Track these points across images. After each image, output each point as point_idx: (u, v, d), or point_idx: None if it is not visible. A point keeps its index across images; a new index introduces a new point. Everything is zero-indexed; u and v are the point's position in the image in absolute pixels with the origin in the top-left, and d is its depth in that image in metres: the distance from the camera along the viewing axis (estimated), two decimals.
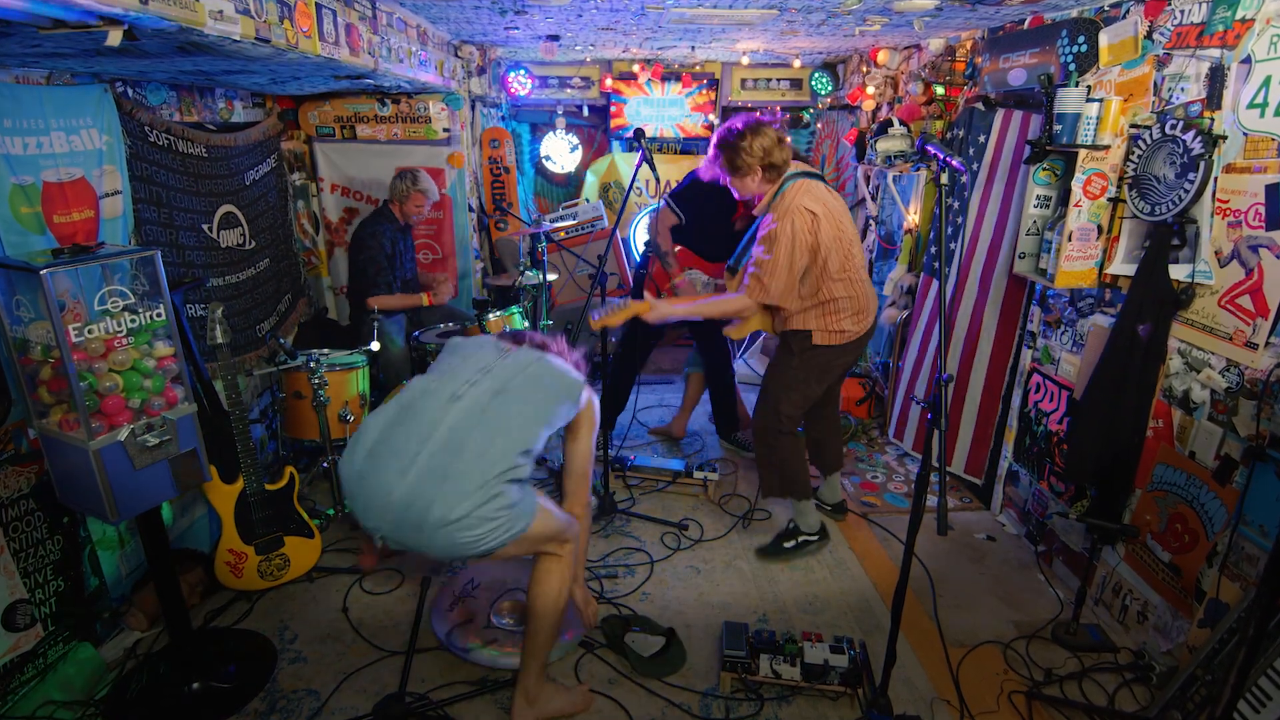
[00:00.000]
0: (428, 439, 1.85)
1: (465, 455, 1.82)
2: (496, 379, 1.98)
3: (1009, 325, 3.26)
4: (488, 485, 1.81)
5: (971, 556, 3.09)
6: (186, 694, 2.26)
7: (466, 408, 1.91)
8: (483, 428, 1.88)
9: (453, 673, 2.40)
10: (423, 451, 1.83)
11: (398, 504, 1.79)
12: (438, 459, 1.82)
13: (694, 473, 3.56)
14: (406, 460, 1.82)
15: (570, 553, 2.13)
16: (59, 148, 2.26)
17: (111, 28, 1.47)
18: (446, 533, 1.78)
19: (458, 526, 1.77)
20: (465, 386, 1.96)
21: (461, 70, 4.26)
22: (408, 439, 1.87)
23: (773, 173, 2.69)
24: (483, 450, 1.84)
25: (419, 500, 1.78)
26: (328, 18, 2.31)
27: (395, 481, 1.81)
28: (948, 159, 1.98)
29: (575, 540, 2.16)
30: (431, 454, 1.82)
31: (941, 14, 2.99)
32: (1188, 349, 2.31)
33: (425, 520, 1.77)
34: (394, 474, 1.82)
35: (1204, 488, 2.25)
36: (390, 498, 1.80)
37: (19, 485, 2.15)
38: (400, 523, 1.81)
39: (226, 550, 2.64)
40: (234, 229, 3.28)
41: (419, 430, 1.88)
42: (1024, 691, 2.33)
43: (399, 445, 1.86)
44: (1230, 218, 2.14)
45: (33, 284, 1.80)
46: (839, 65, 5.10)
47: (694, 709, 2.27)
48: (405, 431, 1.89)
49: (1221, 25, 2.14)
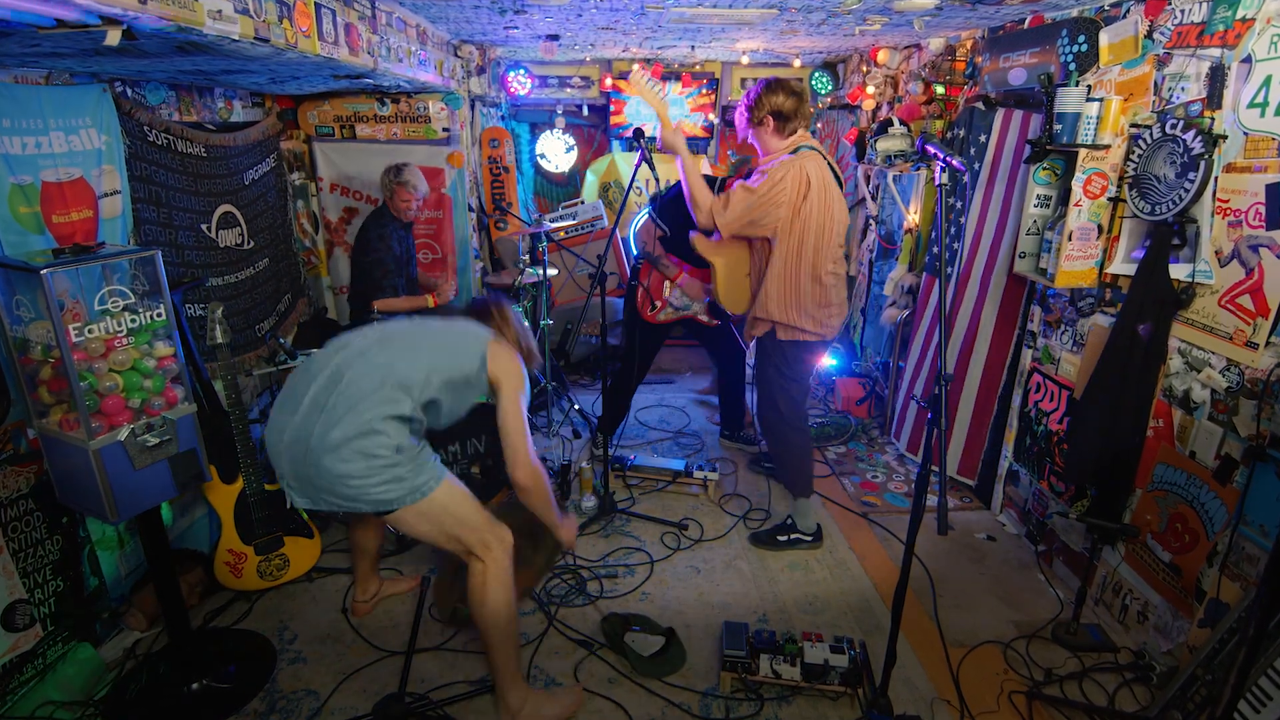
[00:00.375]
0: (312, 381, 2.02)
1: (341, 387, 1.97)
2: (386, 332, 2.13)
3: (1007, 325, 3.26)
4: (362, 415, 1.93)
5: (972, 556, 3.09)
6: (186, 694, 2.26)
7: (350, 353, 2.06)
8: (361, 364, 2.02)
9: (452, 672, 2.40)
10: (307, 393, 2.00)
11: (289, 442, 1.98)
12: (319, 395, 1.98)
13: (694, 473, 3.56)
14: (295, 402, 2.01)
15: (498, 560, 2.07)
16: (58, 147, 2.25)
17: (111, 27, 1.47)
18: (330, 461, 1.91)
19: (338, 457, 1.91)
20: (355, 337, 2.12)
21: (461, 70, 4.26)
22: (295, 386, 2.06)
23: (782, 122, 2.74)
24: (358, 382, 1.98)
25: (303, 432, 1.95)
26: (327, 17, 2.30)
27: (286, 422, 2.00)
28: (948, 159, 1.98)
29: (502, 547, 2.09)
30: (314, 394, 1.99)
31: (942, 13, 2.98)
32: (1188, 349, 2.31)
33: (309, 450, 1.93)
34: (286, 416, 2.01)
35: (1204, 487, 2.24)
36: (283, 438, 1.99)
37: (18, 485, 2.15)
38: (295, 460, 1.97)
39: (226, 550, 2.63)
40: (233, 229, 3.28)
41: (306, 377, 2.06)
42: (1024, 691, 2.33)
43: (291, 394, 2.05)
44: (1230, 217, 2.14)
45: (33, 284, 1.80)
46: (839, 65, 5.09)
47: (694, 709, 2.27)
48: (295, 381, 2.08)
49: (1222, 25, 2.14)
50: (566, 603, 2.75)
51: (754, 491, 3.61)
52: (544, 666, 2.44)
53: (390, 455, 1.94)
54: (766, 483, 3.68)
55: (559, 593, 2.81)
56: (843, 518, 3.39)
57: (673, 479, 3.59)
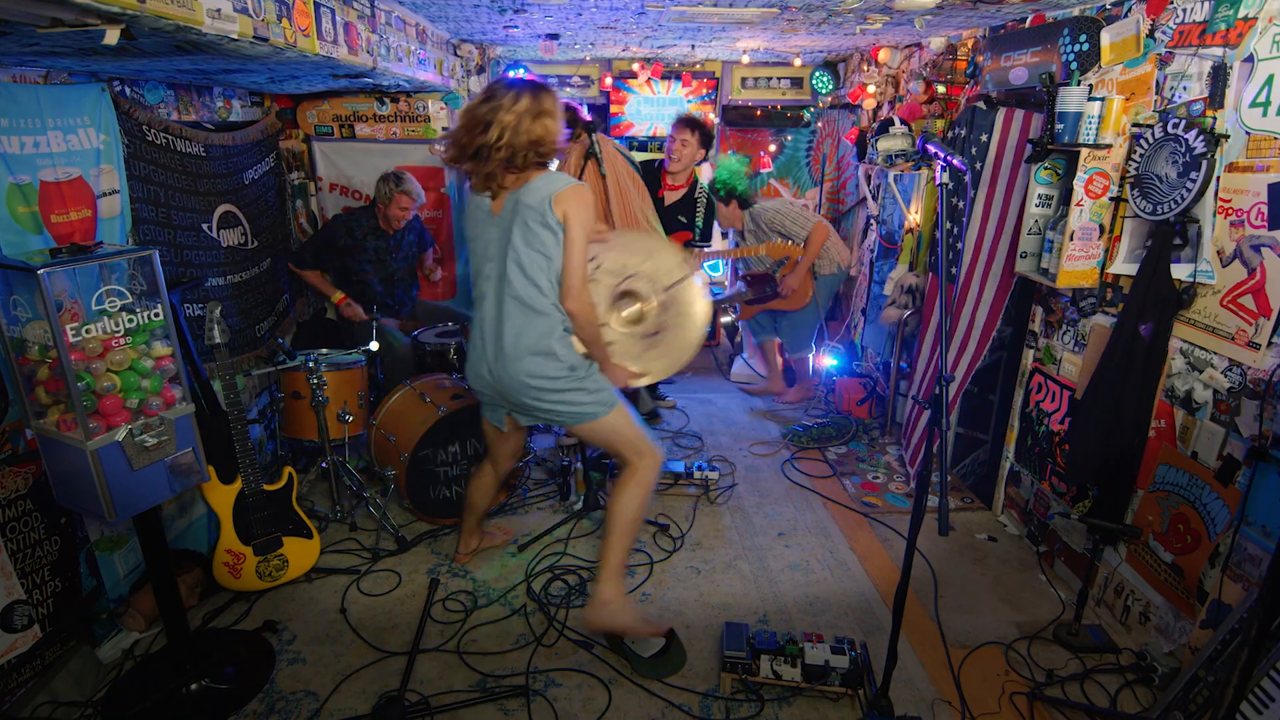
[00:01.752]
0: (483, 329, 2.35)
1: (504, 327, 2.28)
2: (499, 260, 2.28)
3: (991, 324, 3.26)
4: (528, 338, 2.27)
5: (973, 557, 3.09)
6: (185, 695, 2.25)
7: (493, 300, 2.31)
8: (505, 310, 2.29)
9: (452, 675, 2.40)
10: (482, 339, 2.35)
11: (486, 372, 2.36)
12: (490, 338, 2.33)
13: (694, 473, 3.55)
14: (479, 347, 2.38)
15: (648, 469, 2.42)
16: (56, 147, 2.25)
17: (109, 26, 1.46)
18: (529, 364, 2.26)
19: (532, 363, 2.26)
20: (484, 282, 2.34)
21: (461, 69, 4.25)
22: (477, 335, 2.39)
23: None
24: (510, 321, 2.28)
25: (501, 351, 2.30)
26: (326, 16, 2.29)
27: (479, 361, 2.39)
28: (949, 158, 1.98)
29: (654, 459, 2.44)
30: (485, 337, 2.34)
31: (943, 12, 2.98)
32: (1190, 349, 2.31)
33: (506, 358, 2.28)
34: (476, 359, 2.40)
35: (1206, 488, 2.24)
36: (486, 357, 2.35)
37: (16, 486, 2.14)
38: (497, 375, 2.33)
39: (225, 551, 2.63)
40: (233, 228, 3.27)
41: (477, 326, 2.38)
42: (1026, 693, 2.33)
43: (475, 342, 2.40)
44: (1232, 217, 2.14)
45: (30, 284, 1.79)
46: (840, 64, 5.09)
47: (694, 710, 2.26)
48: (477, 332, 2.39)
49: (1224, 24, 2.14)
50: (567, 603, 2.75)
51: (754, 492, 3.60)
52: (544, 667, 2.44)
53: (569, 374, 2.32)
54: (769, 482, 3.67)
55: (559, 593, 2.80)
56: (843, 518, 3.39)
57: (674, 481, 3.58)
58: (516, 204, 2.20)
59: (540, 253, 2.20)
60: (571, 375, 2.30)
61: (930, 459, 1.99)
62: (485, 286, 2.33)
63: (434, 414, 3.09)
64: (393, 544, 3.09)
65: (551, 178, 2.21)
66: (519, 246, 2.21)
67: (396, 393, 3.34)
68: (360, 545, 3.11)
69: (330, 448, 3.18)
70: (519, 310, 2.26)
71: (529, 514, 3.39)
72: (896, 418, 4.28)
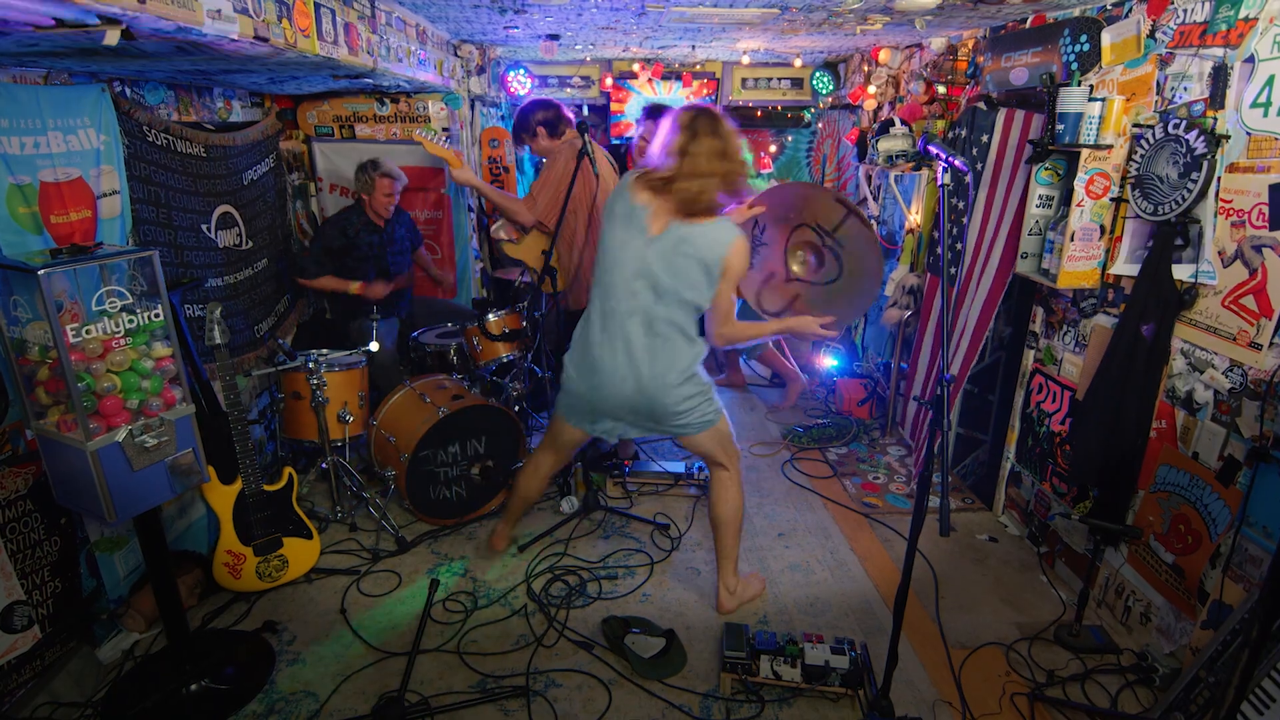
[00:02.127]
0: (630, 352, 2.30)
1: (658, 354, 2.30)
2: (648, 283, 2.25)
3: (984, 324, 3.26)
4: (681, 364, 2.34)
5: (973, 558, 3.08)
6: (184, 696, 2.25)
7: (641, 323, 2.28)
8: (658, 336, 2.30)
9: (452, 675, 2.40)
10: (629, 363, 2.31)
11: (630, 393, 2.34)
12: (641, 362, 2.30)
13: (694, 474, 3.55)
14: (624, 369, 2.32)
15: (736, 466, 2.60)
16: (56, 147, 2.25)
17: (109, 27, 1.46)
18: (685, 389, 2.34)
19: (686, 387, 2.34)
20: (630, 299, 2.27)
21: (461, 69, 4.25)
22: (615, 354, 2.32)
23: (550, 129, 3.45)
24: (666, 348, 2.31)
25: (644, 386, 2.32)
26: (326, 17, 2.29)
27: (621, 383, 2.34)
28: (950, 159, 1.98)
29: (738, 456, 2.61)
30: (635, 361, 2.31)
31: (943, 13, 2.97)
32: (1191, 349, 2.30)
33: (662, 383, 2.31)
34: (618, 380, 2.33)
35: (1207, 489, 2.23)
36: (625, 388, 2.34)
37: (16, 486, 2.14)
38: (648, 395, 2.33)
39: (225, 551, 2.63)
40: (231, 229, 3.27)
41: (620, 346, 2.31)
42: (1026, 693, 2.33)
43: (610, 361, 2.33)
44: (1233, 218, 2.13)
45: (30, 284, 1.79)
46: (840, 64, 5.09)
47: (694, 710, 2.26)
48: (612, 350, 2.32)
49: (1224, 24, 2.13)
50: (567, 604, 2.75)
51: (755, 493, 3.60)
52: (544, 667, 2.43)
53: (701, 392, 2.46)
54: (769, 483, 3.67)
55: (560, 594, 2.80)
56: (844, 519, 3.38)
57: (674, 482, 3.58)
58: (681, 239, 2.18)
59: (694, 287, 2.23)
60: (705, 390, 2.43)
61: (931, 459, 1.98)
62: (630, 303, 2.26)
63: (434, 414, 3.09)
64: (393, 544, 3.08)
65: (721, 228, 2.21)
66: (677, 276, 2.21)
67: (396, 393, 3.34)
68: (360, 546, 3.11)
69: (330, 448, 3.18)
70: (676, 336, 2.29)
71: (529, 513, 3.39)
72: (897, 418, 4.28)
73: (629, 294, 2.24)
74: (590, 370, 2.36)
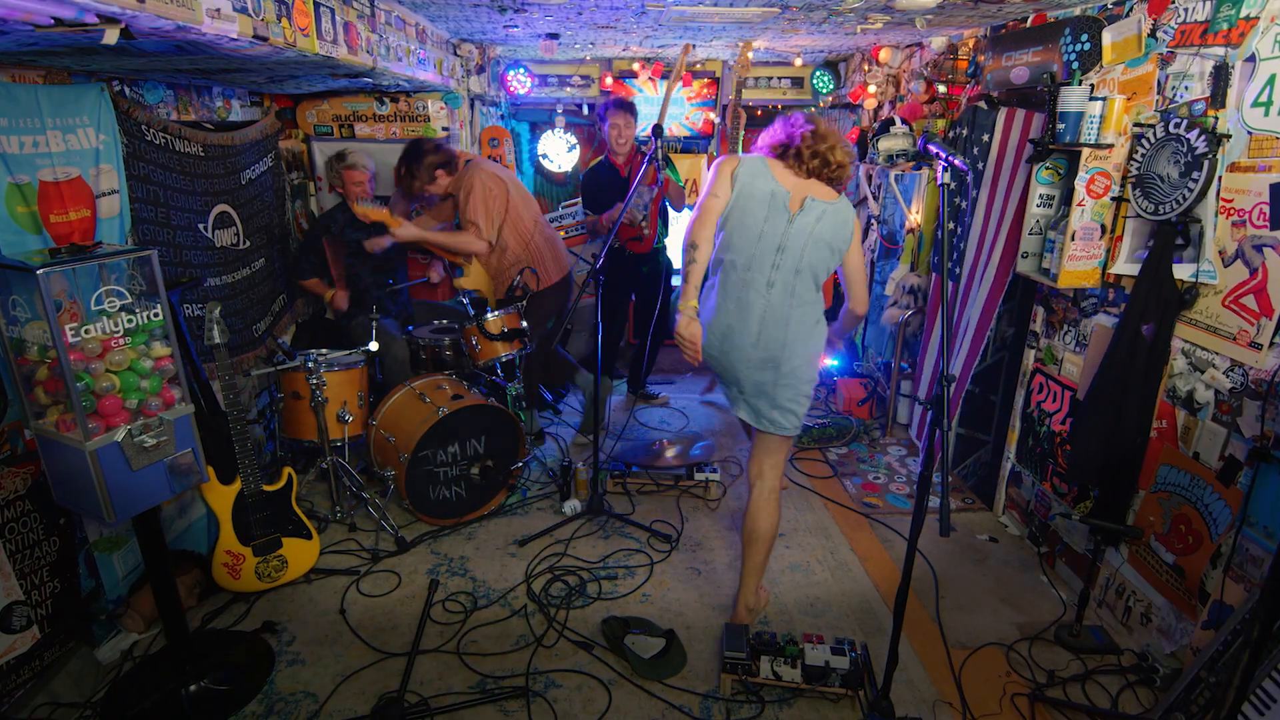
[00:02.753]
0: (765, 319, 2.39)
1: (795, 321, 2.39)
2: (791, 256, 2.35)
3: (985, 324, 3.26)
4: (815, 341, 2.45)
5: (974, 558, 3.08)
6: (184, 696, 2.25)
7: (782, 291, 2.37)
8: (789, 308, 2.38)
9: (452, 676, 2.39)
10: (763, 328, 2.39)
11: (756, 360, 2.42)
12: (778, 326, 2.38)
13: (694, 474, 3.55)
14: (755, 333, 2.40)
15: (779, 483, 2.62)
16: (55, 147, 2.24)
17: (109, 26, 1.46)
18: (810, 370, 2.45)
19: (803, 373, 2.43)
20: (773, 272, 2.37)
21: (460, 69, 4.24)
22: (749, 320, 2.40)
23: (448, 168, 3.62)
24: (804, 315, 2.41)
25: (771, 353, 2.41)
26: (325, 16, 2.29)
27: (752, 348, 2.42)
28: (950, 158, 1.97)
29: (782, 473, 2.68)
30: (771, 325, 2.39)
31: (943, 12, 2.97)
32: (1191, 349, 2.30)
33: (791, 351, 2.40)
34: (749, 345, 2.42)
35: (1208, 489, 2.23)
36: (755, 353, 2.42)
37: (15, 486, 2.14)
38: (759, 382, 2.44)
39: (224, 551, 2.62)
40: (228, 228, 3.26)
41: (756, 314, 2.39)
42: (1027, 694, 2.32)
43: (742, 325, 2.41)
44: (1234, 217, 2.13)
45: (29, 284, 1.79)
46: (840, 63, 5.08)
47: (694, 711, 2.26)
48: (747, 316, 2.40)
49: (1225, 23, 2.13)
50: (567, 604, 2.74)
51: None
52: (544, 668, 2.43)
53: (809, 394, 2.55)
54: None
55: (559, 594, 2.80)
56: (844, 519, 3.38)
57: (674, 482, 3.57)
58: (823, 215, 2.33)
59: (824, 259, 2.37)
60: (810, 397, 2.51)
61: (931, 459, 1.98)
62: (772, 274, 2.37)
63: (434, 414, 3.09)
64: (392, 544, 3.08)
65: (847, 205, 2.39)
66: (814, 252, 2.34)
67: (396, 393, 3.34)
68: (360, 546, 3.11)
69: (330, 448, 3.17)
70: (811, 303, 2.41)
71: (529, 514, 3.39)
72: (898, 418, 4.28)
73: (772, 266, 2.38)
74: (724, 334, 2.46)
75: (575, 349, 5.15)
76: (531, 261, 3.69)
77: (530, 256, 3.70)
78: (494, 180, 3.58)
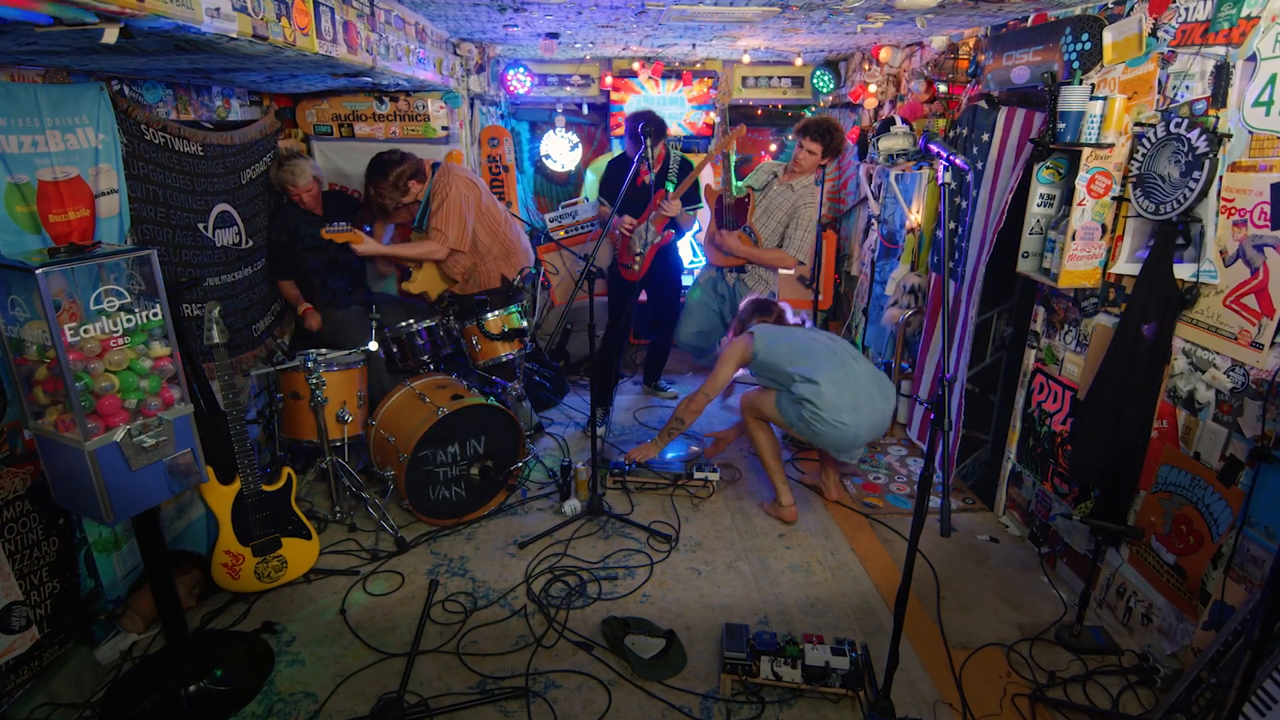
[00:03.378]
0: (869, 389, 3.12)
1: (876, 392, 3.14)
2: (849, 352, 3.22)
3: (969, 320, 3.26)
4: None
5: (974, 558, 3.08)
6: (183, 697, 2.24)
7: (863, 371, 3.15)
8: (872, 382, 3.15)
9: (452, 676, 2.39)
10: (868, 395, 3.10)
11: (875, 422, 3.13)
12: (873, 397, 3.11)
13: (694, 474, 3.54)
14: (863, 400, 3.07)
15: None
16: (54, 146, 2.24)
17: (108, 25, 1.45)
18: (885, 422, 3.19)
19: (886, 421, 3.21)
20: (852, 361, 3.15)
21: (460, 68, 4.24)
22: (856, 392, 3.06)
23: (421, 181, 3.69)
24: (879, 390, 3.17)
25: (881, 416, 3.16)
26: (325, 15, 2.29)
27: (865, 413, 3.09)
28: (950, 157, 1.97)
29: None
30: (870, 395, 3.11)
31: (944, 11, 2.97)
32: (1192, 349, 2.30)
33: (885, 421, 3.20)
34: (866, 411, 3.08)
35: (1209, 489, 2.23)
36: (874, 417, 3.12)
37: (14, 486, 2.14)
38: (873, 426, 3.13)
39: (224, 552, 2.62)
40: (229, 228, 3.26)
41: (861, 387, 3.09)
42: (1027, 694, 2.32)
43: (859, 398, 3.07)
44: (1235, 217, 2.13)
45: (28, 284, 1.79)
46: (841, 63, 5.08)
47: (694, 711, 2.26)
48: (853, 390, 3.06)
49: (1226, 23, 2.13)
50: (567, 604, 2.74)
51: (756, 492, 3.59)
52: (543, 668, 2.43)
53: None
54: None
55: (559, 594, 2.79)
56: (844, 519, 3.38)
57: (674, 481, 3.57)
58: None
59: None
60: None
61: (932, 459, 1.98)
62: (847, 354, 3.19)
63: (433, 415, 3.08)
64: (392, 545, 3.08)
65: None
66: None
67: (396, 393, 3.34)
68: (359, 546, 3.11)
69: (329, 448, 3.17)
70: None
71: (529, 514, 3.38)
72: (897, 418, 4.27)
73: (844, 349, 3.20)
74: (854, 408, 3.04)
75: (575, 349, 5.14)
76: (505, 250, 3.83)
77: (500, 247, 3.86)
78: (469, 187, 3.66)
